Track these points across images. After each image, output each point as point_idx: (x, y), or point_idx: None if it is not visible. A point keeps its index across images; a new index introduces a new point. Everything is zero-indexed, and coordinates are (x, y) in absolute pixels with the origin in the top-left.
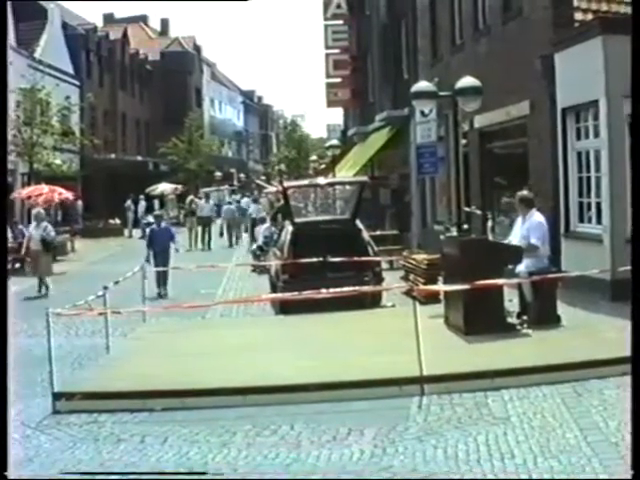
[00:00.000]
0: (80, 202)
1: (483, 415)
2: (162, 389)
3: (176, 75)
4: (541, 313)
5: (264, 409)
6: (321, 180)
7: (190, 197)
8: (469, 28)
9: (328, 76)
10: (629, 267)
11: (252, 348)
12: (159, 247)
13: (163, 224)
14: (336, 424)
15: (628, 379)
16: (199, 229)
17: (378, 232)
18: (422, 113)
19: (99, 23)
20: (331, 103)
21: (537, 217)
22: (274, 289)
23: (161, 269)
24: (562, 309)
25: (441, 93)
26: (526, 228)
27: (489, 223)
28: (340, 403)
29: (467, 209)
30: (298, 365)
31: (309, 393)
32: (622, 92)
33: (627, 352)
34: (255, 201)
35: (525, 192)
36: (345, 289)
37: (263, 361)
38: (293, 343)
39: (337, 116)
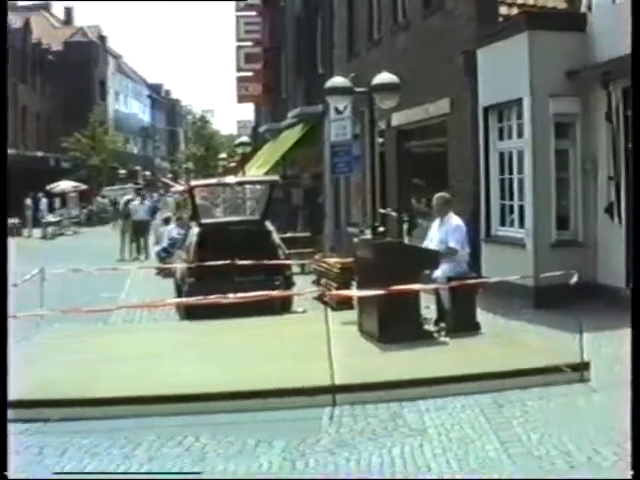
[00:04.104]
0: None
1: (398, 426)
2: (60, 398)
3: (80, 66)
4: (459, 320)
5: (169, 419)
6: (230, 179)
7: (126, 197)
8: (388, 22)
9: (239, 70)
10: (553, 273)
11: (156, 355)
12: None
13: None
14: (243, 435)
15: (552, 390)
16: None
17: (289, 234)
18: (337, 110)
19: None
20: (242, 98)
21: (455, 220)
22: (179, 293)
23: None
24: (482, 316)
25: (357, 89)
26: (444, 231)
27: (405, 226)
28: (248, 413)
29: (382, 211)
30: (204, 373)
31: (216, 402)
32: (548, 91)
33: (551, 361)
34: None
35: (443, 193)
36: (254, 294)
37: (167, 369)
38: (199, 350)
39: (248, 112)
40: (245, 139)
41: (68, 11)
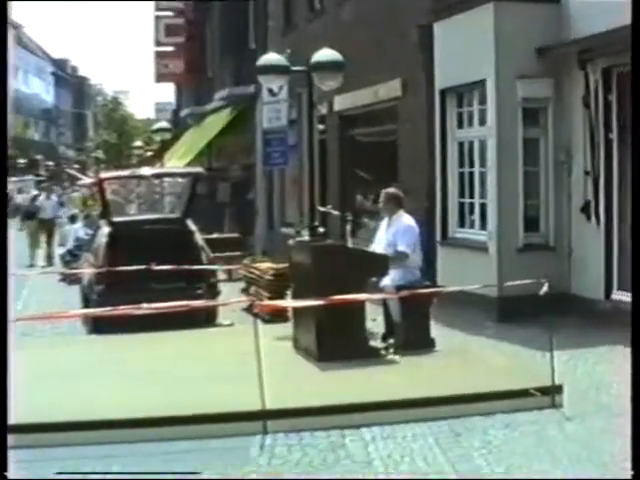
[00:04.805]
0: None
1: (340, 458)
2: None
3: None
4: (411, 335)
5: (75, 449)
6: (146, 171)
7: (33, 192)
8: None
9: (158, 44)
10: (520, 281)
11: (61, 375)
12: None
13: None
14: (161, 467)
15: (518, 416)
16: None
17: (215, 235)
18: (270, 91)
19: None
20: (161, 77)
21: (406, 220)
22: (87, 302)
23: None
24: (437, 331)
25: (294, 68)
26: (393, 233)
27: (349, 226)
28: (167, 442)
29: (322, 209)
30: (116, 397)
31: (129, 430)
32: (515, 71)
33: (517, 383)
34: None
35: (392, 189)
36: (172, 303)
37: (74, 391)
38: (110, 370)
39: (168, 93)
40: (164, 124)
41: None
